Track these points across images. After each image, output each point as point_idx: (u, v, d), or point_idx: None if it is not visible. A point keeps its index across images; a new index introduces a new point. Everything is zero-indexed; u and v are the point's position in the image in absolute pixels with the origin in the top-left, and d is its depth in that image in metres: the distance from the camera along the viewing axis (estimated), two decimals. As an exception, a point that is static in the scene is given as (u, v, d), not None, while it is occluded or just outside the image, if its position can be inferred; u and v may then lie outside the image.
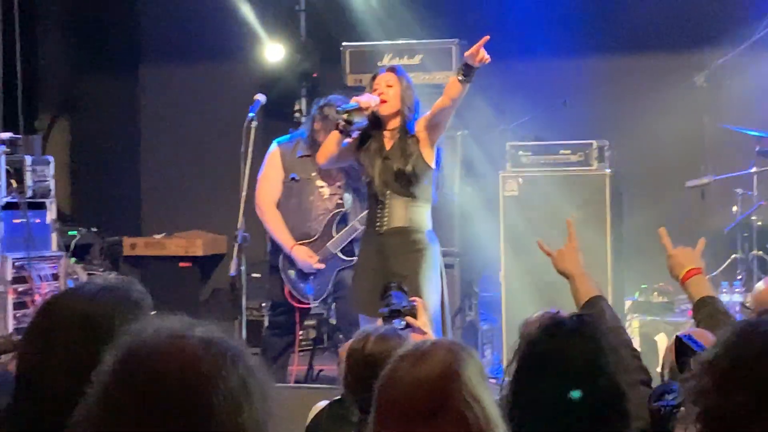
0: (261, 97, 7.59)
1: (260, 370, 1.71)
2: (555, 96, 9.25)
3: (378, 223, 6.70)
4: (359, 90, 9.02)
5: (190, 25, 10.69)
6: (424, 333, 5.09)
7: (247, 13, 10.24)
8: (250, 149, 7.15)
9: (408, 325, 5.17)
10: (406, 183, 6.61)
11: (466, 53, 6.36)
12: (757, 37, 8.77)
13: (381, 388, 2.47)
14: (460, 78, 6.38)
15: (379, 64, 9.13)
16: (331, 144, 6.78)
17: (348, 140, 6.72)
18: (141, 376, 1.69)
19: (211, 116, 10.75)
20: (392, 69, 6.75)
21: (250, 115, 7.38)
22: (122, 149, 11.14)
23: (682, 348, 3.32)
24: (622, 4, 9.85)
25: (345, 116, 6.60)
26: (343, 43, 9.29)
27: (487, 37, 6.29)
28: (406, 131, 6.63)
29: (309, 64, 10.43)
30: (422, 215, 6.70)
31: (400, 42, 9.27)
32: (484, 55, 6.29)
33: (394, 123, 6.67)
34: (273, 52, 10.33)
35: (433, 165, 6.66)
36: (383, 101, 6.62)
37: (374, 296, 5.73)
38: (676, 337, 3.43)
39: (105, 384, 1.72)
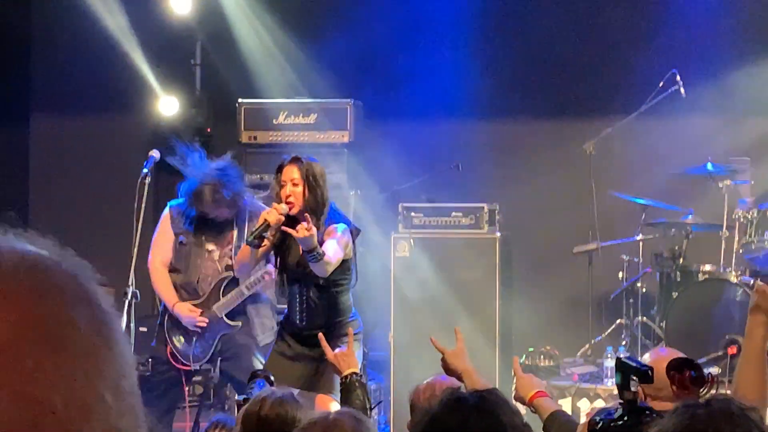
0: (155, 153, 7.53)
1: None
2: (448, 158, 9.33)
3: (298, 318, 6.65)
4: (253, 147, 9.07)
5: (83, 76, 10.54)
6: None
7: (142, 65, 10.14)
8: (143, 205, 7.10)
9: None
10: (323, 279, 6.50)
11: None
12: (644, 108, 8.96)
13: None
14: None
15: (274, 121, 9.18)
16: (245, 257, 6.64)
17: (261, 248, 6.56)
18: None
19: (103, 169, 10.60)
20: (297, 160, 6.48)
21: (144, 170, 7.33)
22: (9, 200, 10.94)
23: (623, 367, 3.50)
24: (516, 70, 9.99)
25: (256, 237, 6.43)
26: (239, 100, 9.30)
27: None
28: (321, 225, 6.44)
29: (203, 119, 10.36)
30: (345, 302, 6.67)
31: (295, 100, 9.33)
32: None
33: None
34: (167, 105, 10.23)
35: (350, 254, 6.56)
36: (290, 205, 6.41)
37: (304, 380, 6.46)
38: (617, 358, 3.69)
39: None
